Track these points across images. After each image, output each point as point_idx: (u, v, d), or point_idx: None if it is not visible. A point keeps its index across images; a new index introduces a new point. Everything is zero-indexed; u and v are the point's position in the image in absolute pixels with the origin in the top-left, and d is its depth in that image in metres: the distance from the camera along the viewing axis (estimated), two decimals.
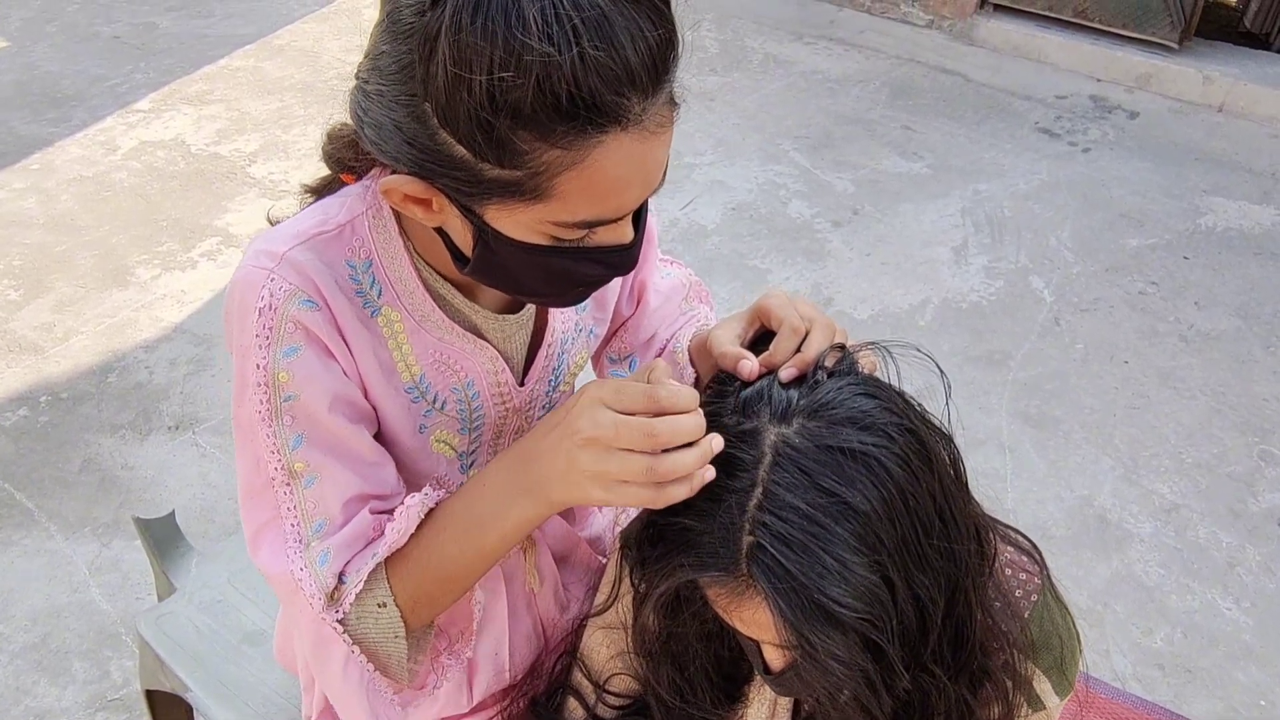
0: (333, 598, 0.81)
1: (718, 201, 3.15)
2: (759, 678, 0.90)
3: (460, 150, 0.66)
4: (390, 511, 0.84)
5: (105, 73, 3.76)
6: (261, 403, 0.78)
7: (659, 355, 0.99)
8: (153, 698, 1.52)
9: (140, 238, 2.95)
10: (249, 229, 2.99)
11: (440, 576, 0.82)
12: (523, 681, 1.06)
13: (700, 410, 0.71)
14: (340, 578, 0.81)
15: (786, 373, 0.75)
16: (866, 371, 0.78)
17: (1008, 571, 0.88)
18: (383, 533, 0.82)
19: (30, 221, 3.00)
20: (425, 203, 0.73)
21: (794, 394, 0.73)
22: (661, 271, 1.04)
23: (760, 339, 0.83)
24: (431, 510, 0.82)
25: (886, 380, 0.78)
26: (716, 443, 0.70)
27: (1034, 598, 0.88)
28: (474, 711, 1.06)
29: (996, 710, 0.84)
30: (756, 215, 3.10)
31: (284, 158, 3.31)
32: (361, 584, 0.80)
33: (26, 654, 1.89)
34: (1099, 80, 3.87)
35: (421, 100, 0.66)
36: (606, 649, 0.96)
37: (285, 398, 0.78)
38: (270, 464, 0.80)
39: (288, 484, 0.80)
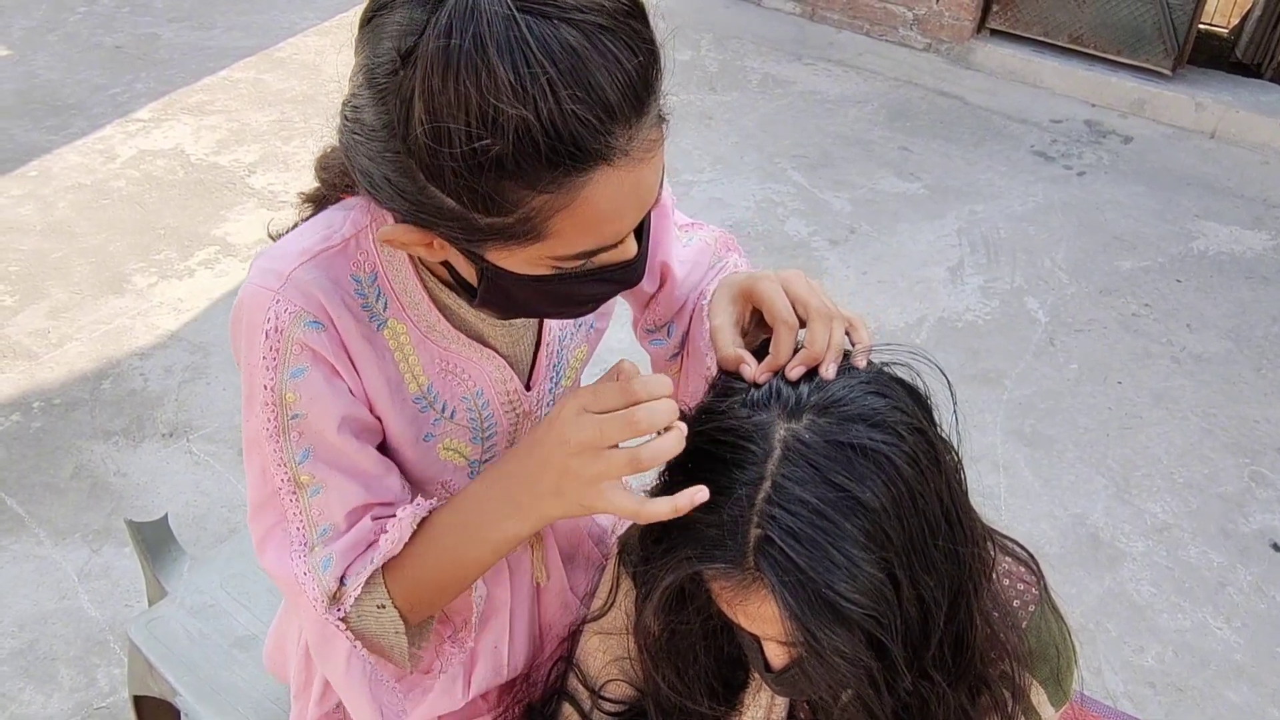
0: (335, 599, 0.84)
1: (716, 219, 3.16)
2: (754, 685, 0.90)
3: (450, 202, 0.65)
4: (391, 516, 0.86)
5: (106, 82, 3.77)
6: (269, 420, 0.80)
7: (690, 318, 0.99)
8: (140, 704, 1.50)
9: (137, 246, 2.95)
10: (248, 239, 2.99)
11: (434, 582, 0.85)
12: (518, 688, 1.06)
13: (673, 396, 0.73)
14: (342, 580, 0.84)
15: (794, 371, 0.75)
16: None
17: (1005, 581, 0.88)
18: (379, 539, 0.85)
19: (27, 228, 3.00)
20: (427, 244, 0.73)
21: (804, 390, 0.73)
22: (684, 239, 1.03)
23: (760, 323, 0.83)
24: (426, 519, 0.84)
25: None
26: (682, 426, 0.72)
27: (1031, 608, 0.88)
28: (468, 707, 1.05)
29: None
30: (754, 233, 3.12)
31: (284, 169, 3.32)
32: (360, 588, 0.84)
33: (12, 660, 1.87)
34: (1094, 105, 3.91)
35: (406, 157, 0.64)
36: (603, 654, 0.96)
37: (292, 415, 0.80)
38: (277, 475, 0.82)
39: (294, 493, 0.83)
